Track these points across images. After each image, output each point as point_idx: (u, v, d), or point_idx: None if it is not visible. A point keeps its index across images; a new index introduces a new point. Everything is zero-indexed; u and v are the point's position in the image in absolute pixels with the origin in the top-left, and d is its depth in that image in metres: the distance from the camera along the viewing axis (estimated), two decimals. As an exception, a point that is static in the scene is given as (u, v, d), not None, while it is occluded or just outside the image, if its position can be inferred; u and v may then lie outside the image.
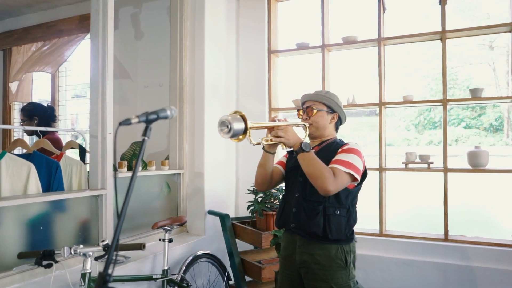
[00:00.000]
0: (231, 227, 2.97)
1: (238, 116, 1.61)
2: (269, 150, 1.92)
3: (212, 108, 3.28)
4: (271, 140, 1.81)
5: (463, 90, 7.21)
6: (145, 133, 1.33)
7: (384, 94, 3.25)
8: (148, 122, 1.34)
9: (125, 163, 2.71)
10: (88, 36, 4.35)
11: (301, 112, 2.05)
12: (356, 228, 3.26)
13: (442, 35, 3.03)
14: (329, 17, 3.49)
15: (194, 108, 3.25)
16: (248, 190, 3.00)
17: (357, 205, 1.99)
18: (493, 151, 3.12)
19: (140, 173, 2.86)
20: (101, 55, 2.53)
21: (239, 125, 1.58)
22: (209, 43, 3.29)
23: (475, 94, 2.97)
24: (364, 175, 1.92)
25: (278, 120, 1.87)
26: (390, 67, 3.34)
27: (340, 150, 1.88)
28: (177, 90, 3.26)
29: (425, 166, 3.09)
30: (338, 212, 1.84)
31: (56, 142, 3.16)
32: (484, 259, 2.84)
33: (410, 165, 3.15)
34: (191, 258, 2.81)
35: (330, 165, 1.80)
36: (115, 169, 2.64)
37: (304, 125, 1.99)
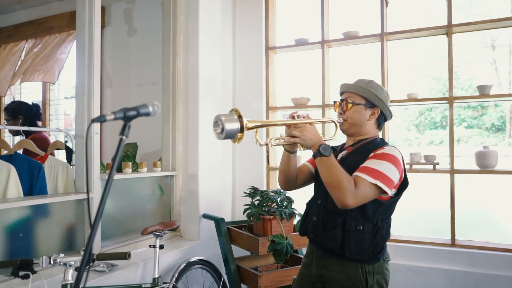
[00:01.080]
0: (227, 232, 2.81)
1: (235, 116, 1.42)
2: (289, 149, 1.68)
3: (207, 107, 3.13)
4: (284, 140, 1.58)
5: (464, 90, 7.07)
6: (122, 131, 1.18)
7: (387, 92, 3.10)
8: (127, 119, 1.19)
9: (114, 164, 2.55)
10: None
11: (338, 104, 1.75)
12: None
13: (448, 30, 2.89)
14: (329, 12, 3.34)
15: (188, 107, 3.10)
16: (245, 192, 2.85)
17: (391, 218, 1.69)
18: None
19: (131, 175, 2.71)
20: (87, 50, 2.38)
21: (232, 125, 1.40)
22: (203, 39, 3.14)
23: (483, 91, 2.82)
24: (403, 185, 1.61)
25: (298, 117, 1.61)
26: (394, 64, 3.18)
27: (372, 154, 1.57)
28: (170, 88, 3.11)
29: (431, 167, 2.94)
30: (361, 228, 1.56)
31: (44, 142, 3.02)
32: (493, 266, 2.69)
33: (414, 166, 3.00)
34: (184, 264, 2.66)
35: (355, 173, 1.53)
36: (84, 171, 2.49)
37: (333, 121, 1.73)
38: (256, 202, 2.76)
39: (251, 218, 2.78)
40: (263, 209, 2.69)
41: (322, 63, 3.28)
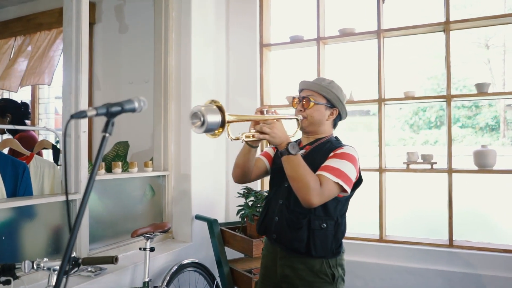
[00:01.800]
0: (220, 234, 2.74)
1: (214, 107, 1.35)
2: (252, 143, 1.66)
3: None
4: (253, 136, 1.54)
5: (459, 90, 7.06)
6: (105, 128, 1.10)
7: (384, 90, 3.04)
8: (110, 115, 1.11)
9: (103, 164, 2.47)
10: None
11: (296, 101, 1.77)
12: (354, 234, 3.10)
13: (446, 26, 2.83)
14: (324, 8, 3.27)
15: (180, 105, 3.02)
16: (238, 193, 2.78)
17: (347, 214, 1.75)
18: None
19: (121, 175, 2.62)
20: (75, 46, 2.29)
21: (214, 118, 1.31)
22: (196, 35, 3.06)
23: (482, 89, 2.77)
24: (357, 183, 1.70)
25: (267, 113, 1.60)
26: (390, 62, 3.12)
27: (332, 154, 1.62)
28: (161, 85, 3.03)
29: (428, 166, 2.88)
30: (325, 226, 1.62)
31: (31, 141, 2.93)
32: (492, 267, 2.64)
33: (412, 166, 2.94)
34: (176, 267, 2.59)
35: (318, 172, 1.56)
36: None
37: (297, 119, 1.74)
38: (250, 203, 2.69)
39: (245, 219, 2.71)
40: (257, 209, 2.62)
41: (318, 60, 3.21)
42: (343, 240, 1.75)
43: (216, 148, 3.32)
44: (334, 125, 1.80)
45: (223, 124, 1.36)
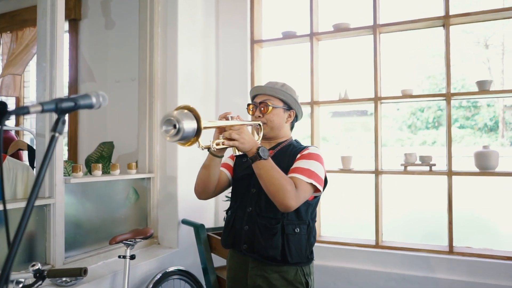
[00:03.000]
0: (206, 239, 2.59)
1: (186, 112, 1.22)
2: (217, 153, 1.55)
3: (186, 104, 2.89)
4: (223, 143, 1.44)
5: (458, 90, 6.93)
6: (55, 127, 0.94)
7: (380, 88, 2.90)
8: (60, 112, 0.95)
9: (81, 166, 2.32)
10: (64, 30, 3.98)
11: (252, 107, 1.69)
12: (349, 239, 2.95)
13: (446, 21, 2.69)
14: (318, 2, 3.13)
15: (166, 104, 2.87)
16: (226, 196, 2.63)
17: (316, 219, 1.69)
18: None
19: (101, 178, 2.47)
20: (49, 40, 2.14)
21: (190, 124, 1.18)
22: (183, 31, 2.91)
23: (483, 87, 2.63)
24: (324, 184, 1.63)
25: (231, 118, 1.49)
26: (387, 59, 2.98)
27: (299, 155, 1.59)
28: (147, 83, 2.88)
29: (427, 168, 2.74)
30: (298, 230, 1.56)
31: (9, 142, 2.77)
32: (494, 275, 2.49)
33: (409, 168, 2.80)
34: (160, 275, 2.44)
35: (290, 175, 1.51)
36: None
37: (259, 124, 1.65)
38: (239, 207, 2.54)
39: (233, 224, 2.56)
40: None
41: (311, 57, 3.07)
42: (335, 246, 1.66)
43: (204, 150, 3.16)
44: (292, 127, 1.77)
45: (198, 131, 1.22)
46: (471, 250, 2.65)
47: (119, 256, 2.18)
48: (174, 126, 1.16)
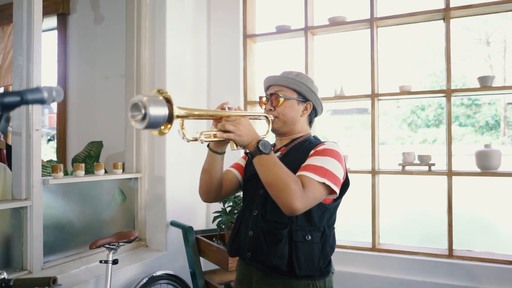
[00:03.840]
0: (195, 242, 2.48)
1: (161, 98, 1.10)
2: (216, 148, 1.41)
3: (176, 101, 2.77)
4: (215, 135, 1.29)
5: (458, 88, 6.81)
6: (-4, 125, 0.83)
7: (378, 84, 2.78)
8: (3, 108, 0.85)
9: (61, 166, 2.21)
10: (52, 26, 3.87)
11: (264, 100, 1.53)
12: (344, 241, 2.83)
13: (446, 14, 2.57)
14: (313, -5, 3.01)
15: (154, 101, 2.75)
16: (217, 198, 2.51)
17: (335, 226, 1.47)
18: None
19: (83, 178, 2.35)
20: (26, 32, 2.02)
21: (159, 110, 1.05)
22: (172, 24, 2.79)
23: (485, 83, 2.51)
24: (345, 186, 1.42)
25: (229, 109, 1.34)
26: (385, 54, 2.86)
27: (312, 152, 1.38)
28: (134, 79, 2.76)
29: (426, 168, 2.63)
30: (310, 238, 1.35)
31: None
32: (496, 280, 2.38)
33: (408, 167, 2.68)
34: (147, 279, 2.34)
35: (299, 173, 1.30)
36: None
37: (266, 117, 1.47)
38: (228, 209, 2.43)
39: (222, 227, 2.45)
40: (235, 216, 2.35)
41: (306, 52, 2.95)
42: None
43: (194, 147, 3.04)
44: (310, 121, 1.57)
45: (170, 119, 1.09)
46: (472, 253, 2.54)
47: (101, 261, 2.07)
48: (141, 111, 1.04)
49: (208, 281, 2.39)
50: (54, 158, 3.78)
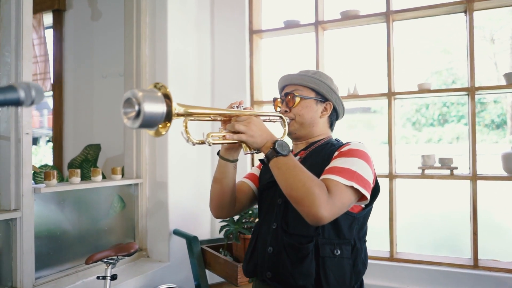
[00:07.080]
0: (200, 254, 2.30)
1: (159, 94, 0.92)
2: (227, 156, 1.24)
3: (178, 101, 2.60)
4: (224, 137, 1.12)
5: (463, 86, 6.64)
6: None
7: (394, 82, 2.60)
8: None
9: (54, 173, 2.02)
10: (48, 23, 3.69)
11: (278, 102, 1.38)
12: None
13: (469, 6, 2.39)
14: (324, -13, 2.83)
15: (155, 101, 2.57)
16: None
17: (366, 239, 1.29)
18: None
19: (79, 185, 2.17)
20: (14, 25, 1.84)
21: (155, 107, 0.88)
22: (174, 19, 2.62)
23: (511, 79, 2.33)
24: (375, 192, 1.24)
25: (237, 108, 1.18)
26: (401, 50, 2.68)
27: (337, 153, 1.21)
28: (133, 78, 2.59)
29: (447, 172, 2.45)
30: (339, 252, 1.18)
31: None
32: (527, 293, 2.20)
33: (427, 171, 2.50)
34: (148, 294, 2.16)
35: (323, 176, 1.13)
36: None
37: (281, 117, 1.30)
38: (236, 218, 2.25)
39: (231, 236, 2.27)
40: (244, 226, 2.18)
41: (316, 49, 2.77)
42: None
43: (198, 151, 2.86)
44: (331, 124, 1.41)
45: (169, 117, 0.92)
46: (498, 263, 2.36)
47: (98, 277, 1.89)
48: (135, 108, 0.86)
49: (214, 296, 2.22)
50: (49, 162, 3.60)
